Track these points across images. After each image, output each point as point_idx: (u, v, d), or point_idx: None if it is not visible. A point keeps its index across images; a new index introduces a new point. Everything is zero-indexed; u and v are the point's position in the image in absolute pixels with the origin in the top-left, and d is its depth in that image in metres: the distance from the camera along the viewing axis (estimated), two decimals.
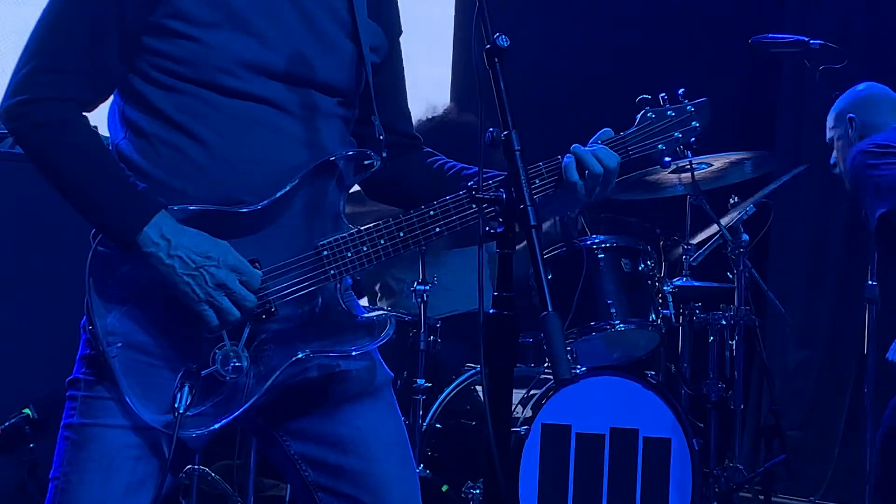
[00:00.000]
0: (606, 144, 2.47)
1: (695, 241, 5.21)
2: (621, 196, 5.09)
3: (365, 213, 3.71)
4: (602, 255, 4.73)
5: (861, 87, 4.53)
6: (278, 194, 2.32)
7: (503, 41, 2.15)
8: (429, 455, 4.54)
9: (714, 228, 5.07)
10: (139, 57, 2.34)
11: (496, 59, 2.15)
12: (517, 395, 4.52)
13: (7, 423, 4.04)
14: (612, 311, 4.65)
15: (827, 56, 4.79)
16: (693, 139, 2.55)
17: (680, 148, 2.61)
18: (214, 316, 2.27)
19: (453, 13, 6.61)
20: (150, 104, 2.34)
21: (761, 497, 5.01)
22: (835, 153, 4.52)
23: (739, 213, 5.00)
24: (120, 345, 2.29)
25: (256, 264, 2.32)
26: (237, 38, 2.33)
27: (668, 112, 2.54)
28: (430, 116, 4.95)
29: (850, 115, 4.44)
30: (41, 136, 2.28)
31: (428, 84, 6.39)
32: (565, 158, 2.43)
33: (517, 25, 6.32)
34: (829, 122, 4.55)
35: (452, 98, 6.51)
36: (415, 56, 2.68)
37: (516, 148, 2.12)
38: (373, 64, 2.49)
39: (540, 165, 2.44)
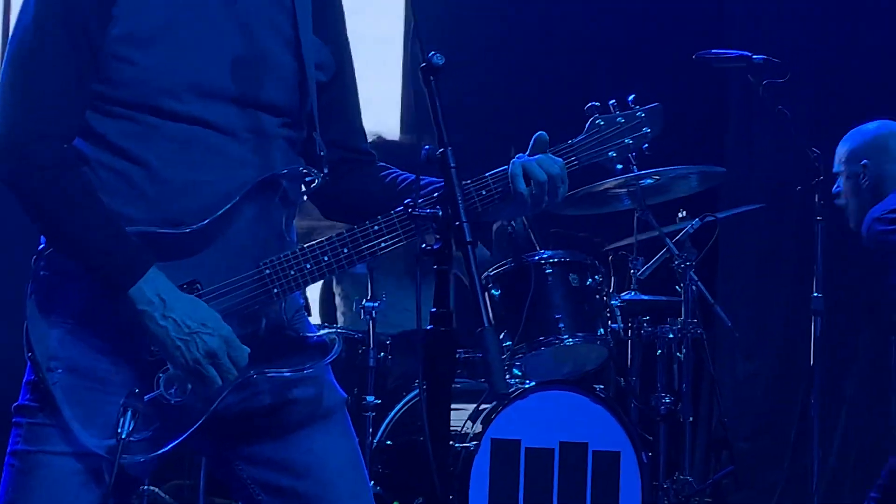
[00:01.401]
0: (555, 152, 2.46)
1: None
2: (569, 211, 5.10)
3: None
4: (550, 270, 4.73)
5: (873, 126, 4.53)
6: (218, 213, 2.31)
7: (438, 59, 2.16)
8: (379, 472, 4.55)
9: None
10: None
11: (431, 77, 2.16)
12: (467, 409, 4.54)
13: None
14: (561, 325, 4.65)
15: (770, 70, 4.84)
16: (645, 146, 2.54)
17: (632, 155, 2.59)
18: (197, 381, 2.28)
19: (402, 30, 6.63)
20: (91, 130, 2.33)
21: None
22: (841, 184, 4.55)
23: (686, 228, 5.06)
24: (61, 371, 2.27)
25: (197, 286, 2.31)
26: (178, 60, 2.32)
27: (618, 119, 2.52)
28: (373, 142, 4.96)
29: (865, 160, 4.45)
30: (41, 179, 2.26)
31: (377, 102, 6.41)
32: (510, 168, 2.42)
33: (466, 39, 6.38)
34: (841, 155, 4.54)
35: (402, 115, 6.53)
36: (364, 74, 2.67)
37: (451, 165, 2.15)
38: (320, 81, 2.48)
39: (486, 176, 2.44)
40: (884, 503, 4.27)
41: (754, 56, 4.86)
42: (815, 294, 4.84)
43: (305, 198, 2.51)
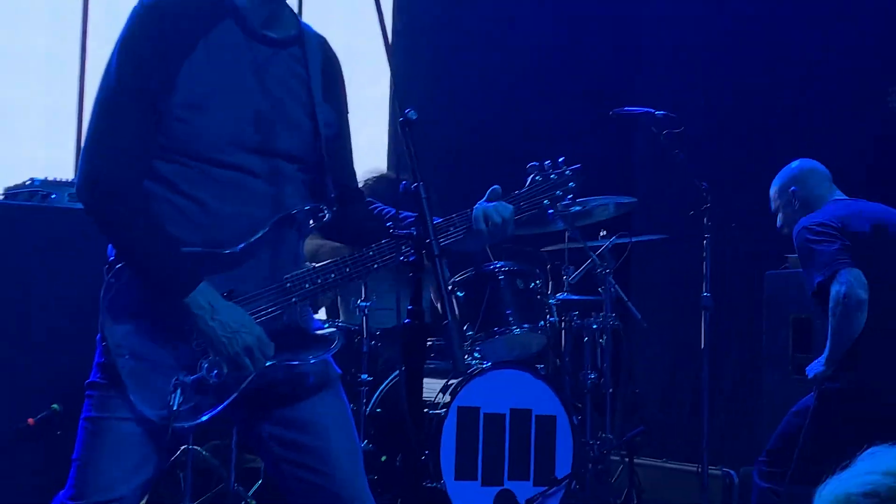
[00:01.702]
0: (505, 200, 2.50)
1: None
2: (516, 231, 5.11)
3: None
4: (502, 277, 4.74)
5: (795, 164, 4.39)
6: (252, 239, 2.35)
7: (412, 115, 2.18)
8: (371, 434, 4.55)
9: None
10: None
11: (407, 128, 2.18)
12: (438, 383, 4.56)
13: (40, 416, 4.02)
14: (511, 319, 4.65)
15: (668, 123, 4.87)
16: (570, 196, 2.59)
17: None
18: (235, 368, 2.32)
19: (388, 94, 6.66)
20: (156, 173, 2.37)
21: (626, 460, 5.05)
22: (780, 218, 4.39)
23: (605, 244, 5.08)
24: (126, 356, 2.30)
25: (235, 294, 2.35)
26: (222, 121, 2.35)
27: (552, 176, 2.57)
28: (375, 177, 4.98)
29: (793, 188, 4.31)
30: (118, 211, 2.30)
31: (369, 147, 6.43)
32: (473, 211, 2.48)
33: (435, 100, 6.39)
34: (773, 194, 4.39)
35: (389, 158, 6.55)
36: (359, 126, 2.70)
37: (424, 196, 2.15)
38: (325, 137, 2.51)
39: (453, 216, 2.48)
40: (772, 465, 4.17)
41: (656, 112, 4.88)
42: (705, 294, 4.87)
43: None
